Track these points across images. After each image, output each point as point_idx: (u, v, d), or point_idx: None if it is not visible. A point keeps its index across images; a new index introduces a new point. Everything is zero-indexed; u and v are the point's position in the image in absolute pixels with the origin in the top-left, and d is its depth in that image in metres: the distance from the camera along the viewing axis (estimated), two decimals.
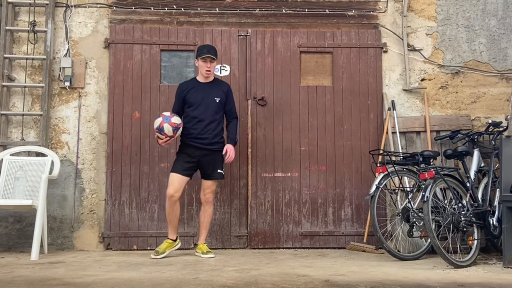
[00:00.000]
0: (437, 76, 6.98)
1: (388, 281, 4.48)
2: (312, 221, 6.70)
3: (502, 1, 7.10)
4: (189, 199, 6.61)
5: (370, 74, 6.92)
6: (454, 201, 5.70)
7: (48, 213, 6.41)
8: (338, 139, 6.82)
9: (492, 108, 6.94)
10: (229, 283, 4.33)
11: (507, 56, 7.01)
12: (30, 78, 6.71)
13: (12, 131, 6.63)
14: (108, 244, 6.47)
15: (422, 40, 7.02)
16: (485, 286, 4.32)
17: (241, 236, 6.62)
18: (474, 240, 5.68)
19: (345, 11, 6.98)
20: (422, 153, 6.03)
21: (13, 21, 6.72)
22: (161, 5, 6.82)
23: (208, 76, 6.04)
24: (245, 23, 6.90)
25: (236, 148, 6.60)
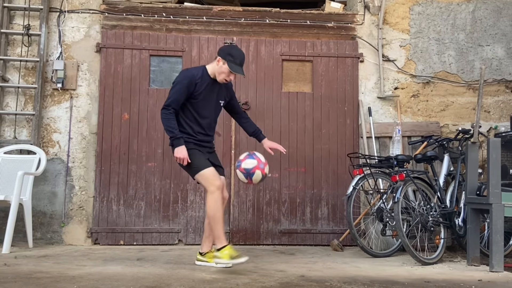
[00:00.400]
0: (409, 85, 7.06)
1: (359, 277, 4.52)
2: (291, 220, 6.74)
3: (470, 17, 7.20)
4: (175, 197, 6.63)
5: (347, 82, 6.99)
6: (423, 202, 5.78)
7: (39, 208, 6.41)
8: (317, 142, 6.87)
9: (459, 116, 7.03)
10: (209, 277, 4.35)
11: (474, 68, 7.11)
12: (24, 79, 6.70)
13: (5, 130, 6.61)
14: (96, 239, 6.47)
15: (396, 51, 7.09)
16: (449, 283, 4.37)
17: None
18: (440, 239, 5.76)
19: (325, 22, 7.04)
20: (396, 157, 6.11)
21: (8, 24, 6.70)
22: (151, 12, 6.84)
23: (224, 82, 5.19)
24: (230, 31, 6.94)
25: (220, 149, 6.66)
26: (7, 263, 4.90)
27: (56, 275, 4.32)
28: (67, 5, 6.77)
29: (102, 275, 4.37)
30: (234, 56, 5.02)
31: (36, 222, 6.37)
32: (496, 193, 5.10)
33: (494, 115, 7.12)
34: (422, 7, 7.17)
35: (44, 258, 5.25)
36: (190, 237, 6.58)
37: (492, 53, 7.17)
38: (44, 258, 5.29)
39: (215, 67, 5.04)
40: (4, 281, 4.00)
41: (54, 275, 4.30)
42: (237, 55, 5.06)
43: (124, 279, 4.18)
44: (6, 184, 6.10)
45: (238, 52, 5.13)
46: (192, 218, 6.62)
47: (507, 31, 7.21)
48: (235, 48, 5.24)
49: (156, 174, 6.64)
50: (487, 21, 7.21)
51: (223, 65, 4.99)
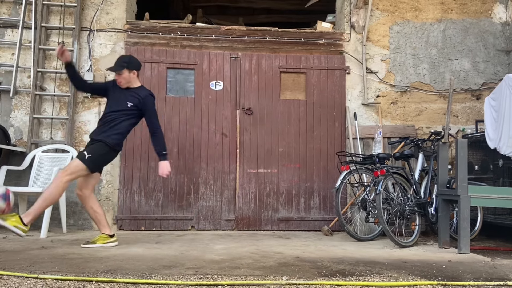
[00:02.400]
0: (389, 94, 7.05)
1: (346, 258, 4.52)
2: (288, 209, 6.74)
3: (441, 35, 7.20)
4: (188, 190, 6.63)
5: (336, 91, 6.98)
6: (401, 194, 5.78)
7: (71, 199, 6.41)
8: (310, 142, 6.86)
9: (432, 120, 7.03)
10: (218, 258, 4.35)
11: (444, 79, 7.11)
12: (59, 89, 6.70)
13: (43, 132, 6.62)
14: (120, 225, 6.48)
15: (377, 65, 7.09)
16: (423, 262, 4.38)
17: (229, 220, 6.65)
18: (416, 225, 5.77)
19: (317, 40, 7.04)
20: (378, 155, 6.11)
21: (45, 41, 6.71)
22: (168, 31, 6.84)
23: (121, 85, 5.24)
24: (236, 47, 6.94)
25: (227, 148, 6.67)
26: (45, 245, 4.91)
27: (86, 256, 4.33)
28: (95, 25, 6.77)
29: (125, 256, 4.38)
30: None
31: (69, 211, 6.37)
32: (464, 186, 5.11)
33: (462, 119, 7.11)
34: (400, 26, 7.17)
35: (76, 242, 5.24)
36: (201, 223, 6.58)
37: (460, 66, 7.17)
38: (76, 241, 5.28)
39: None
40: (42, 261, 4.00)
41: (85, 256, 4.31)
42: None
43: (144, 260, 4.19)
44: (44, 178, 6.10)
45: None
46: (203, 207, 6.61)
47: (473, 47, 7.21)
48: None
49: (172, 169, 6.58)
50: (456, 38, 7.21)
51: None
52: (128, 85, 5.24)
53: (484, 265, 4.38)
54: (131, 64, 5.21)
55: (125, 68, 5.16)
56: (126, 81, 5.22)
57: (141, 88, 5.30)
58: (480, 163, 6.60)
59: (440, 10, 7.24)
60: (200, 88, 6.80)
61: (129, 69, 5.18)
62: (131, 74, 5.21)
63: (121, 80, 5.20)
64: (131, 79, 5.22)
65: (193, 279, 3.50)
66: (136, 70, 5.24)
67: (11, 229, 4.59)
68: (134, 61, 5.29)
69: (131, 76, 5.21)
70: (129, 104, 5.14)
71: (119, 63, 5.23)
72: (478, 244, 5.88)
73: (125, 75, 5.19)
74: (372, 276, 3.73)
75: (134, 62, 5.28)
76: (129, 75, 5.20)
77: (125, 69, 5.17)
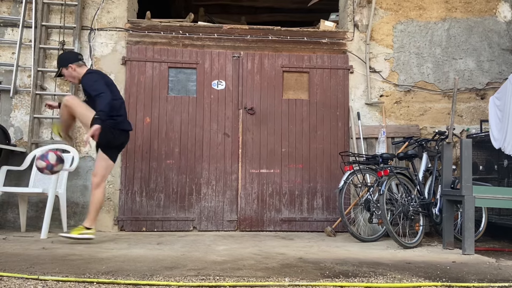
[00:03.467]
0: (393, 93, 7.04)
1: (350, 259, 4.51)
2: (290, 209, 6.74)
3: (446, 34, 7.19)
4: (190, 190, 6.63)
5: (339, 91, 6.98)
6: (405, 194, 5.78)
7: (72, 200, 6.42)
8: (312, 142, 6.86)
9: (436, 120, 7.02)
10: (220, 259, 4.34)
11: (449, 78, 7.10)
12: (59, 88, 6.70)
13: (43, 132, 6.62)
14: (121, 226, 6.48)
15: (381, 64, 7.08)
16: (427, 264, 4.37)
17: (232, 220, 6.65)
18: (420, 226, 5.76)
19: (320, 39, 7.04)
20: (381, 155, 6.11)
21: (46, 40, 6.72)
22: (170, 30, 6.84)
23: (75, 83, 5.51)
24: (238, 46, 6.93)
25: (229, 148, 6.67)
26: (45, 247, 4.90)
27: (87, 257, 4.33)
28: (96, 24, 6.78)
29: (127, 257, 4.37)
30: None
31: (70, 212, 6.37)
32: (468, 186, 5.10)
33: (466, 119, 7.10)
34: (404, 25, 7.16)
35: (77, 243, 5.24)
36: (203, 224, 6.58)
37: (464, 65, 7.15)
38: (77, 242, 5.27)
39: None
40: (43, 262, 4.01)
41: (86, 257, 4.31)
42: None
43: (146, 261, 4.19)
44: (44, 178, 6.11)
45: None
46: (205, 208, 6.61)
47: (477, 46, 7.19)
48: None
49: (174, 170, 6.64)
50: (460, 37, 7.20)
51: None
52: (78, 79, 5.27)
53: (488, 266, 4.38)
54: (63, 60, 5.25)
55: (60, 68, 5.22)
56: (72, 78, 5.28)
57: (83, 74, 5.27)
58: (484, 163, 6.59)
59: (444, 9, 7.23)
60: (202, 87, 6.80)
61: (64, 66, 5.22)
62: (70, 70, 5.24)
63: (69, 79, 5.29)
64: (75, 74, 5.25)
65: (195, 280, 3.50)
66: (72, 62, 5.23)
67: (80, 237, 5.01)
68: (66, 56, 5.33)
69: (71, 71, 5.24)
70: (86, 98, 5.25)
71: (57, 66, 5.29)
72: (483, 245, 5.87)
73: (66, 73, 5.25)
74: (376, 277, 3.72)
75: (66, 57, 5.32)
76: (68, 71, 5.25)
77: (61, 68, 5.22)
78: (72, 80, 5.33)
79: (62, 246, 4.95)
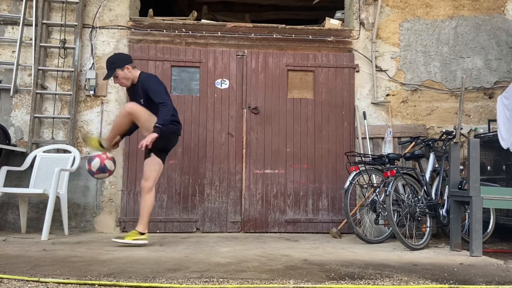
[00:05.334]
0: (399, 92, 7.03)
1: (356, 261, 4.51)
2: (295, 210, 6.73)
3: (453, 32, 7.17)
4: (193, 191, 6.63)
5: (344, 90, 6.97)
6: (411, 195, 5.77)
7: (73, 200, 6.43)
8: (318, 142, 6.86)
9: (443, 119, 7.01)
10: (223, 261, 4.34)
11: (456, 77, 7.08)
12: (60, 87, 6.72)
13: (44, 131, 6.63)
14: (123, 227, 6.48)
15: (387, 63, 7.07)
16: (435, 266, 4.36)
17: (236, 222, 6.65)
18: (427, 227, 5.75)
19: (325, 37, 7.03)
20: (388, 155, 6.10)
21: (46, 38, 6.73)
22: (172, 28, 6.85)
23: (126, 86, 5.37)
24: (242, 45, 6.93)
25: (233, 148, 6.67)
26: (46, 248, 4.91)
27: (89, 259, 4.33)
28: (98, 22, 6.79)
29: (129, 259, 4.37)
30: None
31: (71, 213, 6.39)
32: (476, 187, 5.09)
33: (474, 119, 7.08)
34: (411, 23, 7.15)
35: (78, 244, 5.26)
36: (207, 225, 6.58)
37: (472, 64, 7.14)
38: (78, 244, 5.30)
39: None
40: (44, 265, 4.01)
41: (87, 259, 4.31)
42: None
43: (148, 263, 4.19)
44: (45, 179, 6.13)
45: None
46: (208, 209, 6.62)
47: (485, 45, 7.18)
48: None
49: (177, 170, 6.64)
50: (468, 36, 7.18)
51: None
52: (132, 81, 5.26)
53: (496, 268, 4.37)
54: (119, 62, 5.20)
55: (116, 69, 5.17)
56: (126, 80, 5.24)
57: (140, 75, 5.29)
58: (492, 163, 6.57)
59: (452, 7, 7.22)
60: (205, 86, 6.80)
61: (120, 67, 5.18)
62: (126, 71, 5.21)
63: (121, 81, 5.23)
64: (129, 75, 5.23)
65: (198, 282, 3.50)
66: (128, 63, 5.23)
67: (133, 243, 5.05)
68: (120, 58, 5.29)
69: (127, 72, 5.22)
70: (141, 101, 5.18)
71: (109, 67, 5.22)
72: (491, 247, 5.86)
73: (121, 75, 5.21)
74: (382, 280, 3.72)
75: (121, 58, 5.28)
76: (124, 72, 5.21)
77: (117, 69, 5.19)
78: (125, 82, 5.26)
79: (63, 248, 4.96)
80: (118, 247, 5.09)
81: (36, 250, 4.80)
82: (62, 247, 5.05)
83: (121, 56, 5.35)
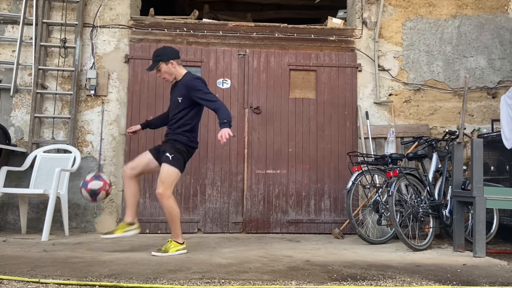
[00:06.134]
0: (402, 92, 7.03)
1: (358, 261, 4.51)
2: (297, 211, 6.73)
3: (456, 32, 7.17)
4: (194, 191, 6.64)
5: (347, 89, 6.97)
6: (414, 195, 5.76)
7: (74, 201, 6.44)
8: (320, 142, 6.85)
9: (446, 119, 7.00)
10: (225, 262, 4.34)
11: (459, 77, 7.08)
12: (61, 87, 6.72)
13: (44, 131, 6.64)
14: None
15: (390, 62, 7.07)
16: (438, 266, 4.36)
17: (237, 222, 6.65)
18: (430, 228, 5.75)
19: (328, 36, 7.03)
20: (390, 155, 6.09)
21: (47, 38, 6.74)
22: (174, 27, 6.85)
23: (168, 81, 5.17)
24: (244, 44, 6.94)
25: (234, 148, 6.67)
26: (46, 249, 4.92)
27: (89, 260, 4.34)
28: (99, 21, 6.79)
29: (130, 260, 4.38)
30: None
31: (71, 213, 6.40)
32: (479, 188, 5.09)
33: (477, 119, 7.08)
34: (414, 22, 7.15)
35: (79, 245, 5.26)
36: (208, 226, 6.59)
37: (475, 63, 7.13)
38: (78, 245, 5.30)
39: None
40: (44, 265, 4.02)
41: (88, 260, 4.32)
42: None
43: (149, 264, 4.19)
44: (45, 179, 6.14)
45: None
46: (210, 209, 6.62)
47: (489, 44, 7.17)
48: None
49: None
50: (471, 35, 7.18)
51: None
52: (175, 77, 5.07)
53: (500, 269, 4.36)
54: (165, 55, 5.01)
55: (160, 62, 4.98)
56: (169, 75, 5.05)
57: (186, 75, 5.08)
58: (496, 163, 6.57)
59: (455, 6, 7.21)
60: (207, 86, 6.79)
61: (165, 61, 4.97)
62: (170, 66, 5.00)
63: (164, 76, 5.05)
64: (173, 70, 5.02)
65: (200, 283, 3.50)
66: (174, 58, 5.02)
67: (125, 235, 4.95)
68: (168, 51, 5.09)
69: (171, 67, 5.00)
70: (179, 99, 4.99)
71: (153, 59, 5.04)
72: (494, 248, 5.85)
73: (164, 69, 5.01)
74: (385, 281, 3.72)
75: (168, 52, 5.08)
76: (168, 67, 4.99)
77: (161, 62, 4.98)
78: (168, 77, 5.07)
79: (64, 249, 4.97)
80: (119, 247, 5.10)
81: (37, 250, 4.81)
82: (63, 247, 5.06)
83: (169, 49, 5.15)
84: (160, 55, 5.01)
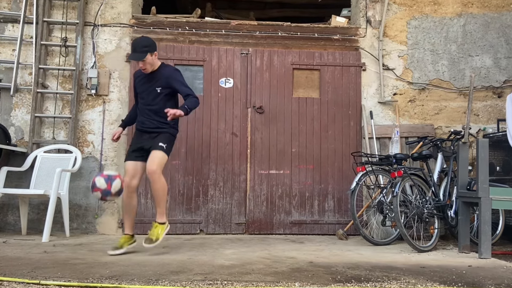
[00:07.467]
0: (407, 91, 7.02)
1: (362, 263, 4.51)
2: (301, 212, 6.73)
3: (461, 30, 7.16)
4: (196, 192, 6.64)
5: (351, 89, 6.96)
6: (419, 196, 5.76)
7: (75, 201, 6.45)
8: (323, 142, 6.85)
9: (451, 119, 6.99)
10: (227, 263, 4.34)
11: (465, 76, 7.07)
12: (61, 86, 6.73)
13: (45, 131, 6.65)
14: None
15: (394, 61, 7.06)
16: (443, 268, 4.35)
17: (240, 223, 6.65)
18: (435, 229, 5.75)
19: (331, 35, 7.02)
20: (395, 155, 6.09)
21: (47, 37, 6.74)
22: (176, 26, 6.86)
23: (146, 71, 5.14)
24: (246, 43, 6.94)
25: (237, 148, 6.67)
26: (47, 250, 4.93)
27: (90, 261, 4.34)
28: (100, 19, 6.80)
29: (131, 261, 4.38)
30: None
31: (72, 214, 6.40)
32: (485, 188, 5.08)
33: (483, 118, 7.07)
34: (418, 21, 7.14)
35: (80, 246, 5.27)
36: (211, 227, 6.59)
37: (481, 62, 7.12)
38: (79, 246, 5.31)
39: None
40: (44, 267, 4.02)
41: (89, 261, 4.32)
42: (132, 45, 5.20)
43: (151, 265, 4.20)
44: (46, 180, 6.14)
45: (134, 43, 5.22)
46: (212, 210, 6.62)
47: (494, 43, 7.16)
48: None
49: (180, 171, 6.64)
50: (477, 34, 7.16)
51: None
52: (152, 68, 5.14)
53: (506, 270, 4.35)
54: (151, 46, 5.07)
55: (148, 53, 5.01)
56: (150, 66, 5.11)
57: (162, 66, 5.20)
58: (502, 163, 6.55)
59: (460, 4, 7.20)
60: (209, 85, 6.81)
61: (151, 52, 5.05)
62: (153, 57, 5.09)
63: (146, 67, 5.09)
64: (154, 62, 5.12)
65: (202, 285, 3.50)
66: (156, 50, 5.14)
67: (130, 247, 4.99)
68: (152, 42, 5.17)
69: (154, 58, 5.11)
70: (158, 89, 5.07)
71: (140, 49, 5.04)
72: (500, 249, 5.84)
73: (149, 60, 5.05)
74: (389, 282, 3.71)
75: (152, 43, 5.16)
76: (152, 58, 5.07)
77: (148, 54, 5.02)
78: (148, 68, 5.10)
79: (64, 250, 4.97)
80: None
81: (37, 252, 4.82)
82: (63, 249, 5.06)
83: (151, 40, 5.21)
84: (147, 46, 5.07)
